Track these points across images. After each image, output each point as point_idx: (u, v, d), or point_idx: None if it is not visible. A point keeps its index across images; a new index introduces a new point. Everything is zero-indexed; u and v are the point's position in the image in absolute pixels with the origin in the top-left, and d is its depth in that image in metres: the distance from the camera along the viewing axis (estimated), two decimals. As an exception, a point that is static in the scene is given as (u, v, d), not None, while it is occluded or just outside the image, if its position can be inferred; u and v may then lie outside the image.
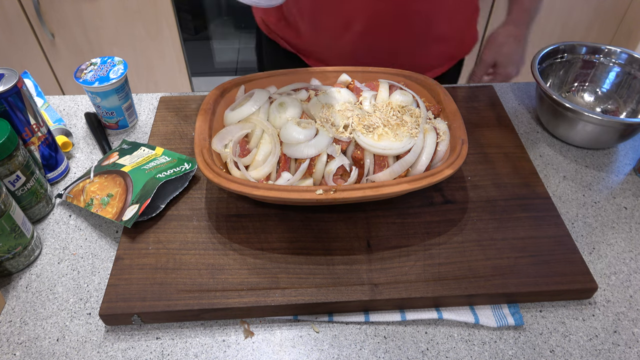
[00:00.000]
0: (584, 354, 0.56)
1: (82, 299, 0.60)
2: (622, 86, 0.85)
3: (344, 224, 0.65)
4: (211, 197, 0.69)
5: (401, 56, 0.88)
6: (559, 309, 0.60)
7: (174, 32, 1.68)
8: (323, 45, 0.87)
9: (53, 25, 1.63)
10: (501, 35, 0.87)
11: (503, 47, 0.87)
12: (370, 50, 0.86)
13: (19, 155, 0.62)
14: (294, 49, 0.91)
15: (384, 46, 0.86)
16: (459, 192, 0.70)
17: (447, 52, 0.90)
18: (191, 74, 1.84)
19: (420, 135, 0.64)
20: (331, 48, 0.87)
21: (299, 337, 0.57)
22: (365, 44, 0.85)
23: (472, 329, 0.58)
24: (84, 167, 0.77)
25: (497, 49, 0.88)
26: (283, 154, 0.64)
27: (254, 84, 0.74)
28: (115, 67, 0.78)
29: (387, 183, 0.60)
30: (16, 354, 0.55)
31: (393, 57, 0.87)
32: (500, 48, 0.88)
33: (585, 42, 0.86)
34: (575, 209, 0.71)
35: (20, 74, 0.66)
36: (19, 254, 0.61)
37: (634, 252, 0.66)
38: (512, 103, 0.90)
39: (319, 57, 0.90)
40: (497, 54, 0.88)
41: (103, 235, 0.67)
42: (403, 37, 0.85)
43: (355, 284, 0.59)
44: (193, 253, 0.62)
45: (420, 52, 0.88)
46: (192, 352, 0.55)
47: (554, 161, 0.79)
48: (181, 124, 0.81)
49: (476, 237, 0.64)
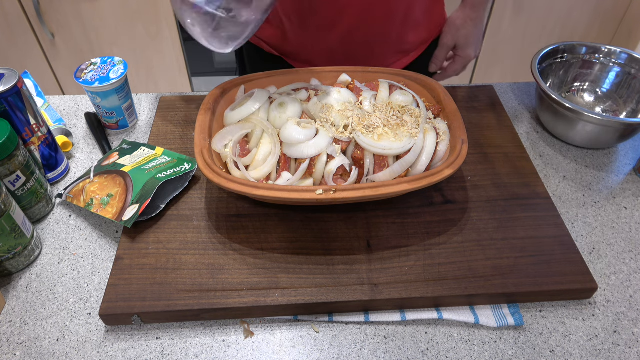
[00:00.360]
0: (584, 354, 0.56)
1: (82, 299, 0.60)
2: (622, 86, 0.85)
3: (344, 224, 0.65)
4: (211, 197, 0.69)
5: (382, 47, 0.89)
6: (559, 309, 0.60)
7: (174, 32, 1.68)
8: (309, 45, 0.87)
9: (53, 25, 1.63)
10: (459, 19, 0.89)
11: (461, 30, 0.89)
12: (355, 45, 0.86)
13: (19, 155, 0.62)
14: (277, 51, 0.91)
15: (370, 40, 0.86)
16: (459, 192, 0.70)
17: (421, 36, 0.93)
18: (191, 74, 1.84)
19: (420, 135, 0.64)
20: (317, 47, 0.87)
21: (299, 337, 0.57)
22: (352, 40, 0.85)
23: (472, 329, 0.58)
24: (84, 167, 0.77)
25: (456, 32, 0.90)
26: (283, 154, 0.64)
27: (254, 84, 0.74)
28: (115, 67, 0.78)
29: (387, 183, 0.60)
30: (16, 354, 0.55)
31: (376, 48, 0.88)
32: (459, 31, 0.89)
33: (585, 42, 0.86)
34: (575, 209, 0.71)
35: (20, 74, 0.66)
36: (19, 254, 0.61)
37: (634, 252, 0.66)
38: (512, 103, 0.90)
39: (303, 57, 0.90)
40: (457, 37, 0.90)
41: (103, 235, 0.67)
42: (387, 28, 0.86)
43: (355, 284, 0.59)
44: (193, 253, 0.62)
45: (400, 40, 0.89)
46: (192, 352, 0.55)
47: (554, 161, 0.79)
48: (181, 124, 0.81)
49: (476, 237, 0.64)
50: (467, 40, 0.90)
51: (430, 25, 0.93)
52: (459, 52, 0.92)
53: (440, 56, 0.93)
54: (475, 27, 0.89)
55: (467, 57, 0.92)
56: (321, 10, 0.81)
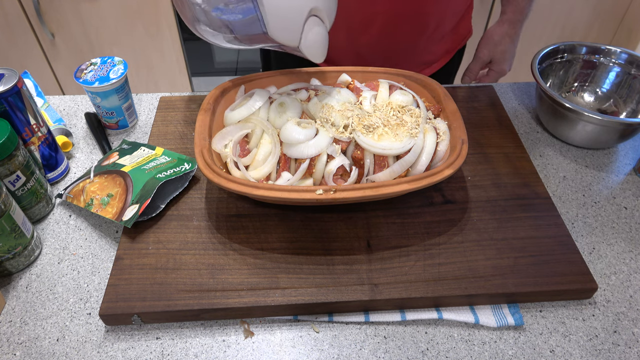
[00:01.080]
0: (584, 354, 0.56)
1: (82, 299, 0.60)
2: (622, 86, 0.85)
3: (344, 224, 0.65)
4: (211, 197, 0.69)
5: (407, 57, 0.91)
6: (559, 309, 0.60)
7: (174, 32, 1.68)
8: (337, 47, 0.87)
9: (53, 25, 1.63)
10: (497, 34, 0.91)
11: (498, 46, 0.91)
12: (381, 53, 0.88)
13: (19, 155, 0.62)
14: None
15: (397, 49, 0.89)
16: (459, 192, 0.70)
17: (445, 46, 0.94)
18: (191, 74, 1.84)
19: (420, 135, 0.64)
20: (345, 50, 0.88)
21: (299, 337, 0.57)
22: (380, 45, 0.87)
23: (472, 329, 0.58)
24: (84, 167, 0.77)
25: (493, 47, 0.92)
26: (283, 154, 0.64)
27: (254, 84, 0.74)
28: (115, 67, 0.78)
29: (387, 183, 0.60)
30: (16, 354, 0.55)
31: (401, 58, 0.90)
32: (496, 46, 0.92)
33: (585, 42, 0.86)
34: (575, 209, 0.71)
35: (20, 74, 0.66)
36: (19, 254, 0.61)
37: (634, 252, 0.66)
38: (512, 103, 0.90)
39: (331, 59, 0.91)
40: (493, 52, 0.92)
41: (103, 235, 0.67)
42: (415, 40, 0.88)
43: (355, 284, 0.59)
44: (193, 253, 0.62)
45: (426, 51, 0.91)
46: (192, 352, 0.55)
47: (554, 161, 0.79)
48: (181, 124, 0.81)
49: (476, 237, 0.64)
50: (504, 55, 0.92)
51: (456, 37, 0.94)
52: (494, 66, 0.94)
53: (475, 69, 0.95)
54: (512, 43, 0.91)
55: (501, 72, 0.94)
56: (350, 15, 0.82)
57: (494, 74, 0.95)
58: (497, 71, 0.94)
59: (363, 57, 0.89)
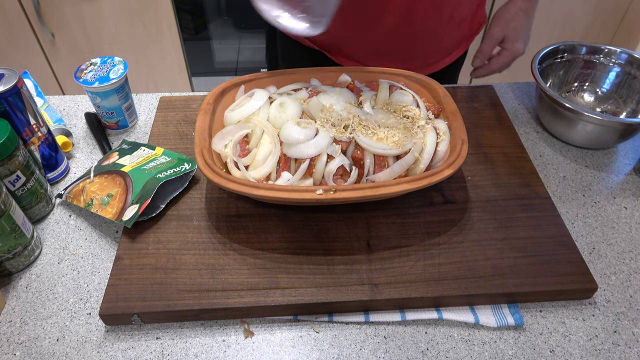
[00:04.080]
0: (584, 354, 0.56)
1: (82, 299, 0.60)
2: (622, 86, 0.85)
3: (344, 224, 0.65)
4: (211, 197, 0.69)
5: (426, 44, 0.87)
6: (559, 309, 0.60)
7: (174, 32, 1.68)
8: (351, 39, 0.85)
9: (53, 25, 1.63)
10: (510, 11, 0.85)
11: (512, 22, 0.85)
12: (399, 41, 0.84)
13: (19, 155, 0.62)
14: (317, 46, 0.90)
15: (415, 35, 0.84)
16: (459, 192, 0.70)
17: (462, 33, 0.90)
18: (191, 74, 1.84)
19: (420, 135, 0.64)
20: (360, 41, 0.85)
21: (299, 337, 0.57)
22: (397, 36, 0.83)
23: (472, 329, 0.58)
24: (84, 167, 0.77)
25: (506, 24, 0.85)
26: (283, 154, 0.64)
27: (254, 84, 0.74)
28: (115, 67, 0.78)
29: (387, 183, 0.60)
30: (16, 354, 0.55)
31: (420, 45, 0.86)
32: (509, 23, 0.85)
33: (585, 42, 0.86)
34: (575, 209, 0.71)
35: (20, 74, 0.66)
36: (19, 254, 0.61)
37: (634, 252, 0.66)
38: (512, 103, 0.90)
39: (346, 51, 0.88)
40: (506, 29, 0.86)
41: (103, 235, 0.67)
42: (433, 25, 0.83)
43: (355, 284, 0.59)
44: (193, 253, 0.62)
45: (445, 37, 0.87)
46: (192, 352, 0.55)
47: (554, 161, 0.79)
48: (181, 124, 0.81)
49: (476, 237, 0.64)
50: (517, 33, 0.85)
51: (473, 24, 0.90)
52: (507, 45, 0.86)
53: (486, 49, 0.87)
54: (526, 18, 0.84)
55: (515, 52, 0.86)
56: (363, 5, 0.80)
57: (507, 54, 0.87)
58: (510, 50, 0.86)
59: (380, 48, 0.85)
